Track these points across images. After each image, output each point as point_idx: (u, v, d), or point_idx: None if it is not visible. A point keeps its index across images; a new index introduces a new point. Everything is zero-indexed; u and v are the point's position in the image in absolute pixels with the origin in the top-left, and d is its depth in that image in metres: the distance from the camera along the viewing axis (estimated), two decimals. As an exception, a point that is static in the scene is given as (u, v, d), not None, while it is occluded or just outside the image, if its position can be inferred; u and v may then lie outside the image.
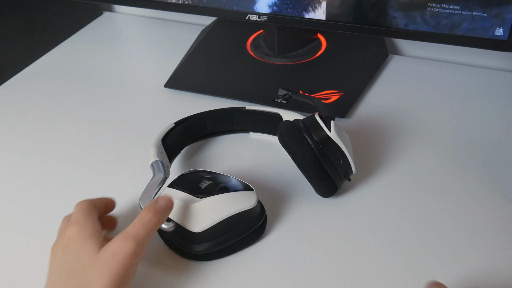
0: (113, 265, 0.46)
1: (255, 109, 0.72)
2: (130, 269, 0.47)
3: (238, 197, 0.56)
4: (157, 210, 0.51)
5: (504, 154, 0.70)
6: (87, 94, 0.87)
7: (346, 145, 0.60)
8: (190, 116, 0.71)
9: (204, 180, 0.58)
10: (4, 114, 0.83)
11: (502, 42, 0.69)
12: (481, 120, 0.76)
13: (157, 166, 0.61)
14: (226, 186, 0.57)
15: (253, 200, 0.57)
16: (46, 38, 0.99)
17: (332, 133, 0.59)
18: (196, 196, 0.55)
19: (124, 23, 1.09)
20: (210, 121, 0.73)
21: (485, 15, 0.68)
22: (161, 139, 0.66)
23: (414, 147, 0.72)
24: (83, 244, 0.49)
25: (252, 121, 0.73)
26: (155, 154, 0.62)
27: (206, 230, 0.54)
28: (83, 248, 0.48)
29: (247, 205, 0.56)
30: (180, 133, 0.69)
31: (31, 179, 0.70)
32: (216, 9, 0.81)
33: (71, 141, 0.76)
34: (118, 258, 0.47)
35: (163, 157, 0.64)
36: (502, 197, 0.64)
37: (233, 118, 0.73)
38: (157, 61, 0.95)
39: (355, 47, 0.90)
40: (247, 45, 0.93)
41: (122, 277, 0.47)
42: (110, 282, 0.46)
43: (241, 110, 0.73)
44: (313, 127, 0.60)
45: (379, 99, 0.82)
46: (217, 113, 0.73)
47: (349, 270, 0.56)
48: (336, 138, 0.59)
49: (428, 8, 0.70)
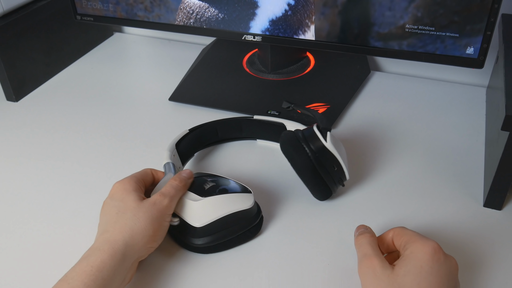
0: (153, 211, 0.53)
1: (261, 118, 0.72)
2: (164, 217, 0.54)
3: (236, 198, 0.57)
4: (181, 178, 0.57)
5: (474, 161, 0.70)
6: (99, 106, 0.86)
7: (341, 154, 0.60)
8: (203, 124, 0.72)
9: (207, 182, 0.58)
10: (24, 125, 0.82)
11: (472, 60, 0.69)
12: (454, 130, 0.76)
13: (168, 167, 0.61)
14: (226, 188, 0.58)
15: (250, 202, 0.57)
16: (63, 56, 0.99)
17: (328, 143, 0.59)
18: (199, 195, 0.56)
19: (133, 43, 1.09)
20: (221, 128, 0.73)
21: (457, 35, 0.68)
22: (175, 144, 0.67)
23: (394, 156, 0.72)
24: (128, 194, 0.55)
25: (259, 129, 0.73)
26: (168, 157, 0.63)
27: (205, 225, 0.56)
28: (128, 196, 0.55)
29: (244, 206, 0.57)
30: (193, 139, 0.70)
31: (48, 184, 0.69)
32: (215, 30, 0.81)
33: (84, 149, 0.76)
34: (157, 207, 0.54)
35: (175, 159, 0.65)
36: (472, 199, 0.64)
37: (241, 127, 0.73)
38: (162, 77, 0.95)
39: (340, 64, 0.90)
40: (243, 62, 0.93)
41: (159, 221, 0.54)
42: (151, 222, 0.53)
43: (249, 119, 0.73)
44: (311, 137, 0.60)
45: (362, 111, 0.82)
46: (227, 121, 0.73)
47: (337, 266, 0.55)
48: (331, 147, 0.59)
49: (406, 29, 0.70)
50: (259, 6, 0.76)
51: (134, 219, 0.52)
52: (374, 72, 0.93)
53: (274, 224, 0.61)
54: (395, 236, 0.52)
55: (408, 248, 0.48)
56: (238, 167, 0.71)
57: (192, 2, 0.80)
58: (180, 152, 0.67)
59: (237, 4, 0.77)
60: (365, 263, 0.49)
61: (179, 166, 0.65)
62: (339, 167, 0.60)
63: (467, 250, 0.57)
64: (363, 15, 0.72)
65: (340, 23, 0.73)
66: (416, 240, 0.49)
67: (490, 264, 0.55)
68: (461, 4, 0.65)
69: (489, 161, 0.66)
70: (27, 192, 0.68)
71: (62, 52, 0.99)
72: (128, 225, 0.52)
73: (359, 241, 0.52)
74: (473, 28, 0.67)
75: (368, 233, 0.53)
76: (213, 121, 0.72)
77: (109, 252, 0.49)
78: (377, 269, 0.47)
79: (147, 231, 0.52)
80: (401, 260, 0.48)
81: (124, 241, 0.50)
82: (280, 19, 0.76)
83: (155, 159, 0.70)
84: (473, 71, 0.88)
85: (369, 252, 0.50)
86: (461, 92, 0.86)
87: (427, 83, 0.89)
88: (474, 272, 0.54)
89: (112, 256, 0.49)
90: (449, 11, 0.66)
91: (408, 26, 0.69)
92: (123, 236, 0.51)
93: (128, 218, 0.52)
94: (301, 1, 0.74)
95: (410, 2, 0.67)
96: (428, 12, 0.67)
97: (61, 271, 0.49)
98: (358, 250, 0.52)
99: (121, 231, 0.51)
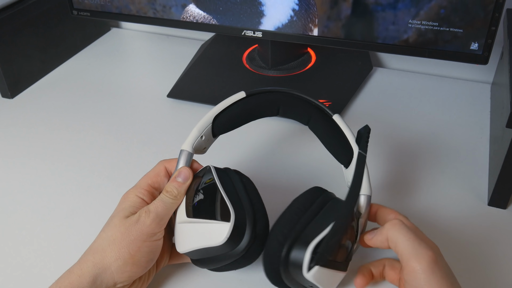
0: (132, 231, 0.49)
1: (339, 123, 0.56)
2: (146, 237, 0.49)
3: (208, 229, 0.48)
4: (174, 187, 0.51)
5: (478, 159, 0.70)
6: (96, 103, 0.86)
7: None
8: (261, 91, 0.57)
9: (199, 191, 0.51)
10: (20, 122, 0.82)
11: (477, 56, 0.69)
12: (457, 127, 0.76)
13: (183, 159, 0.53)
14: (207, 209, 0.49)
15: (222, 236, 0.47)
16: (59, 52, 0.99)
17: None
18: (186, 211, 0.50)
19: (130, 38, 1.09)
20: (285, 104, 0.57)
21: (461, 31, 0.68)
22: (213, 118, 0.55)
23: (396, 153, 0.71)
24: (119, 211, 0.51)
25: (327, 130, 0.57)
26: (190, 142, 0.54)
27: (185, 253, 0.51)
28: (118, 213, 0.50)
29: (213, 241, 0.48)
30: (239, 114, 0.57)
31: (44, 182, 0.69)
32: (214, 26, 0.81)
33: (80, 147, 0.76)
34: (138, 227, 0.49)
35: (204, 142, 0.55)
36: (477, 198, 0.64)
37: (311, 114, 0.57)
38: (160, 73, 0.95)
39: (342, 60, 0.90)
40: (243, 58, 0.93)
41: (138, 243, 0.49)
42: (127, 244, 0.48)
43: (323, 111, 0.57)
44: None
45: (364, 108, 0.81)
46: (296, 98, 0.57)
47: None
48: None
49: (409, 24, 0.69)
50: (265, 15, 0.77)
51: (110, 239, 0.48)
52: (376, 68, 0.93)
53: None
54: (387, 265, 0.51)
55: (404, 268, 0.46)
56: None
57: (196, 12, 0.80)
58: (217, 126, 0.56)
59: (242, 15, 0.78)
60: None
61: (204, 147, 0.56)
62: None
63: (471, 250, 0.57)
64: (366, 28, 0.72)
65: (343, 35, 0.74)
66: (409, 255, 0.46)
67: (494, 264, 0.55)
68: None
69: (493, 159, 0.66)
70: (22, 191, 0.68)
71: (58, 48, 0.98)
72: (102, 245, 0.48)
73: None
74: (478, 23, 0.66)
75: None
76: (278, 91, 0.57)
77: (77, 273, 0.47)
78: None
79: (121, 254, 0.48)
80: (405, 285, 0.47)
81: (93, 263, 0.47)
82: (286, 26, 0.76)
83: (153, 157, 0.70)
84: (477, 67, 0.88)
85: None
86: (465, 88, 0.86)
87: (431, 80, 0.88)
88: (478, 272, 0.54)
89: (80, 278, 0.47)
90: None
91: (411, 21, 0.69)
92: (94, 257, 0.48)
93: (104, 238, 0.49)
94: (304, 5, 0.73)
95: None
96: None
97: (56, 272, 0.49)
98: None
99: (94, 251, 0.48)
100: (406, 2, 0.68)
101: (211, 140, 0.57)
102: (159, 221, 0.49)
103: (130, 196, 0.52)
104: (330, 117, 0.56)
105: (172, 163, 0.55)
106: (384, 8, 0.70)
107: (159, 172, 0.54)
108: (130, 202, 0.51)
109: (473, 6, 0.65)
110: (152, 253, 0.50)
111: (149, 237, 0.49)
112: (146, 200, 0.52)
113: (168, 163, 0.55)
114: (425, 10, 0.68)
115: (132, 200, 0.51)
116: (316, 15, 0.74)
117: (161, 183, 0.54)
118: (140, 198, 0.52)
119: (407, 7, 0.68)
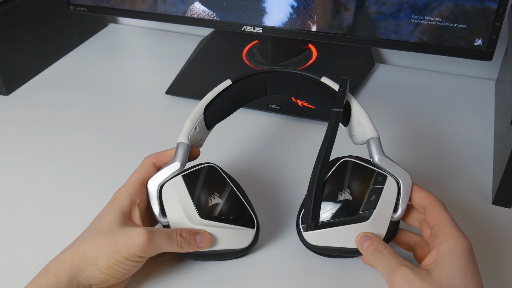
0: (119, 244, 0.48)
1: (329, 84, 0.58)
2: (128, 257, 0.48)
3: (233, 234, 0.52)
4: (186, 246, 0.51)
5: (482, 157, 0.70)
6: (93, 100, 0.86)
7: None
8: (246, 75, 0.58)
9: (214, 194, 0.52)
10: (15, 119, 0.82)
11: (481, 52, 0.69)
12: (461, 125, 0.76)
13: (180, 154, 0.53)
14: (229, 216, 0.52)
15: (247, 241, 0.53)
16: (55, 48, 0.98)
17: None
18: (198, 212, 0.52)
19: (128, 34, 1.09)
20: (271, 83, 0.59)
21: (465, 26, 0.67)
22: (204, 107, 0.57)
23: (399, 151, 0.71)
24: (108, 213, 0.51)
25: (316, 96, 0.59)
26: (186, 133, 0.55)
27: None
28: (107, 215, 0.50)
29: (238, 245, 0.53)
30: (229, 100, 0.58)
31: (40, 181, 0.69)
32: (214, 21, 0.81)
33: (77, 145, 0.75)
34: (128, 242, 0.48)
35: (199, 133, 0.56)
36: (481, 196, 0.64)
37: (299, 87, 0.59)
38: (158, 69, 0.95)
39: (343, 56, 0.90)
40: (242, 54, 0.92)
41: (118, 258, 0.48)
42: (107, 255, 0.48)
43: (311, 79, 0.58)
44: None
45: (366, 105, 0.81)
46: (281, 75, 0.58)
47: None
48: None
49: (412, 20, 0.69)
50: (267, 12, 0.77)
51: (92, 243, 0.48)
52: (378, 64, 0.92)
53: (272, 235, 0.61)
54: (429, 210, 0.50)
55: (444, 241, 0.46)
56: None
57: (200, 9, 0.80)
58: (209, 116, 0.57)
59: (244, 13, 0.78)
60: (397, 277, 0.45)
61: (200, 139, 0.57)
62: None
63: (475, 249, 0.56)
64: (368, 36, 0.73)
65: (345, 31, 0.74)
66: (452, 232, 0.47)
67: (499, 264, 0.55)
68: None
69: (498, 157, 0.66)
70: (18, 189, 0.68)
71: (55, 44, 0.98)
72: (82, 247, 0.48)
73: (374, 256, 0.49)
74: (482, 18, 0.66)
75: (381, 245, 0.49)
76: (262, 72, 0.58)
77: (54, 273, 0.47)
78: (412, 278, 0.44)
79: (98, 263, 0.47)
80: (439, 261, 0.45)
81: (71, 264, 0.47)
82: (286, 24, 0.77)
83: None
84: (482, 64, 0.88)
85: (393, 264, 0.46)
86: (469, 85, 0.85)
87: (434, 76, 0.88)
88: (483, 272, 0.54)
89: (57, 277, 0.46)
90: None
91: (414, 17, 0.69)
92: (72, 258, 0.47)
93: (87, 240, 0.49)
94: (302, 2, 0.73)
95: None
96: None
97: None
98: (379, 266, 0.48)
99: (73, 252, 0.48)
100: (408, 12, 0.69)
101: (206, 132, 0.58)
102: (154, 251, 0.49)
103: (122, 197, 0.52)
104: (319, 81, 0.57)
105: (160, 157, 0.55)
106: (386, 17, 0.71)
107: (148, 169, 0.55)
108: (121, 204, 0.51)
109: (477, 1, 0.65)
110: (130, 271, 0.50)
111: (133, 258, 0.48)
112: (137, 202, 0.52)
113: (155, 158, 0.56)
114: (427, 19, 0.69)
115: (123, 202, 0.51)
116: (315, 12, 0.74)
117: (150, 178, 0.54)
118: (131, 200, 0.52)
119: (408, 16, 0.69)
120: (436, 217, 0.49)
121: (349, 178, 0.51)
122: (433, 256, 0.46)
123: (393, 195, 0.51)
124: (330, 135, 0.52)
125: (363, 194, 0.51)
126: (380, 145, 0.53)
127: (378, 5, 0.69)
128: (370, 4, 0.70)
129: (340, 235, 0.51)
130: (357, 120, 0.55)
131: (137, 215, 0.52)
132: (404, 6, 0.68)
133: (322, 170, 0.51)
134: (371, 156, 0.52)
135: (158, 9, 0.83)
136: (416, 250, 0.52)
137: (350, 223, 0.50)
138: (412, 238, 0.53)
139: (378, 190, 0.51)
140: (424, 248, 0.51)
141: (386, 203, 0.51)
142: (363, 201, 0.50)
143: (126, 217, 0.51)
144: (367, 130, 0.54)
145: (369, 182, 0.51)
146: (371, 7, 0.70)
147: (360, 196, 0.51)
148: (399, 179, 0.51)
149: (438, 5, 0.67)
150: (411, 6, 0.68)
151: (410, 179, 0.51)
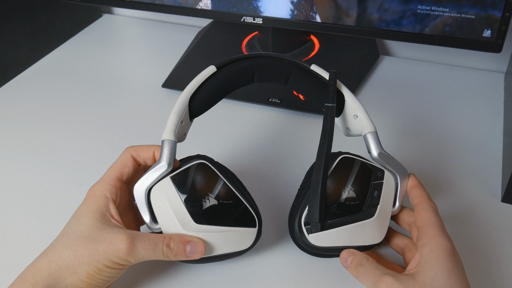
0: (99, 252, 0.47)
1: (318, 72, 0.56)
2: (110, 264, 0.47)
3: (234, 237, 0.51)
4: (172, 256, 0.49)
5: (491, 153, 0.70)
6: (87, 93, 0.86)
7: None
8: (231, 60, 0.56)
9: (208, 195, 0.50)
10: (6, 113, 0.82)
11: (489, 43, 0.68)
12: (469, 119, 0.76)
13: (166, 152, 0.51)
14: (227, 217, 0.50)
15: (248, 243, 0.52)
16: (48, 39, 0.98)
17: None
18: (192, 217, 0.49)
19: (123, 25, 1.08)
20: (260, 71, 0.56)
21: (473, 17, 0.67)
22: (189, 98, 0.54)
23: (405, 146, 0.71)
24: (87, 214, 0.49)
25: (306, 85, 0.57)
26: (171, 129, 0.52)
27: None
28: (86, 217, 0.49)
29: (239, 248, 0.51)
30: (215, 88, 0.55)
31: (33, 177, 0.69)
32: (212, 11, 0.80)
33: (71, 139, 0.75)
34: (109, 249, 0.47)
35: (184, 127, 0.54)
36: (490, 194, 0.63)
37: (289, 75, 0.57)
38: (155, 62, 0.94)
39: (347, 48, 0.89)
40: (242, 46, 0.92)
41: (99, 266, 0.47)
42: (88, 263, 0.47)
43: (301, 67, 0.57)
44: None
45: (371, 99, 0.81)
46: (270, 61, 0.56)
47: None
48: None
49: (418, 10, 0.69)
50: (267, 2, 0.77)
51: (71, 250, 0.46)
52: (383, 56, 0.92)
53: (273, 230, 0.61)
54: (417, 211, 0.51)
55: (426, 244, 0.47)
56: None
57: (203, 3, 0.80)
58: (194, 108, 0.54)
59: (243, 3, 0.78)
60: (381, 287, 0.46)
61: (185, 133, 0.54)
62: None
63: (484, 247, 0.57)
64: (373, 27, 0.73)
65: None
66: (435, 234, 0.48)
67: (508, 262, 0.55)
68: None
69: (507, 152, 0.66)
70: (10, 185, 0.68)
71: (47, 35, 0.98)
72: (60, 254, 0.46)
73: (358, 270, 0.49)
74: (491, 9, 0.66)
75: (363, 259, 0.50)
76: (250, 58, 0.56)
77: (30, 281, 0.45)
78: (396, 286, 0.45)
79: (78, 272, 0.46)
80: (422, 264, 0.47)
81: (48, 273, 0.46)
82: (287, 15, 0.77)
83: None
84: (490, 56, 0.88)
85: (376, 275, 0.47)
86: (477, 78, 0.85)
87: (441, 69, 0.88)
88: (491, 270, 0.54)
89: (33, 286, 0.45)
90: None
91: (420, 7, 0.69)
92: (50, 266, 0.46)
93: (65, 246, 0.47)
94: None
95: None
96: None
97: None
98: (364, 279, 0.49)
99: (50, 259, 0.46)
100: (410, 19, 0.69)
101: (189, 125, 0.55)
102: (136, 260, 0.48)
103: (98, 195, 0.50)
104: (309, 69, 0.56)
105: (140, 151, 0.53)
106: (389, 24, 0.71)
107: (126, 163, 0.53)
108: (99, 204, 0.50)
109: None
110: (112, 278, 0.49)
111: (115, 265, 0.47)
112: (115, 200, 0.51)
113: (135, 150, 0.53)
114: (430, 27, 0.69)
115: (101, 202, 0.50)
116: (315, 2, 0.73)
117: (128, 174, 0.53)
118: (108, 198, 0.50)
119: (411, 23, 0.70)
120: (422, 218, 0.50)
121: (350, 175, 0.52)
122: (416, 260, 0.48)
123: (391, 189, 0.53)
124: (329, 132, 0.52)
125: (365, 190, 0.51)
126: (378, 140, 0.53)
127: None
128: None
129: (348, 234, 0.51)
130: (352, 113, 0.55)
131: (115, 213, 0.50)
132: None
133: (325, 169, 0.51)
134: (370, 150, 0.53)
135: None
136: (405, 254, 0.53)
137: (357, 220, 0.51)
138: (403, 241, 0.54)
139: (378, 185, 0.52)
140: (412, 251, 0.53)
141: (387, 198, 0.52)
142: (366, 197, 0.51)
143: (106, 218, 0.49)
144: (364, 124, 0.54)
145: (369, 178, 0.52)
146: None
147: (363, 192, 0.51)
148: (396, 173, 0.53)
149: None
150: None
151: (406, 173, 0.53)
